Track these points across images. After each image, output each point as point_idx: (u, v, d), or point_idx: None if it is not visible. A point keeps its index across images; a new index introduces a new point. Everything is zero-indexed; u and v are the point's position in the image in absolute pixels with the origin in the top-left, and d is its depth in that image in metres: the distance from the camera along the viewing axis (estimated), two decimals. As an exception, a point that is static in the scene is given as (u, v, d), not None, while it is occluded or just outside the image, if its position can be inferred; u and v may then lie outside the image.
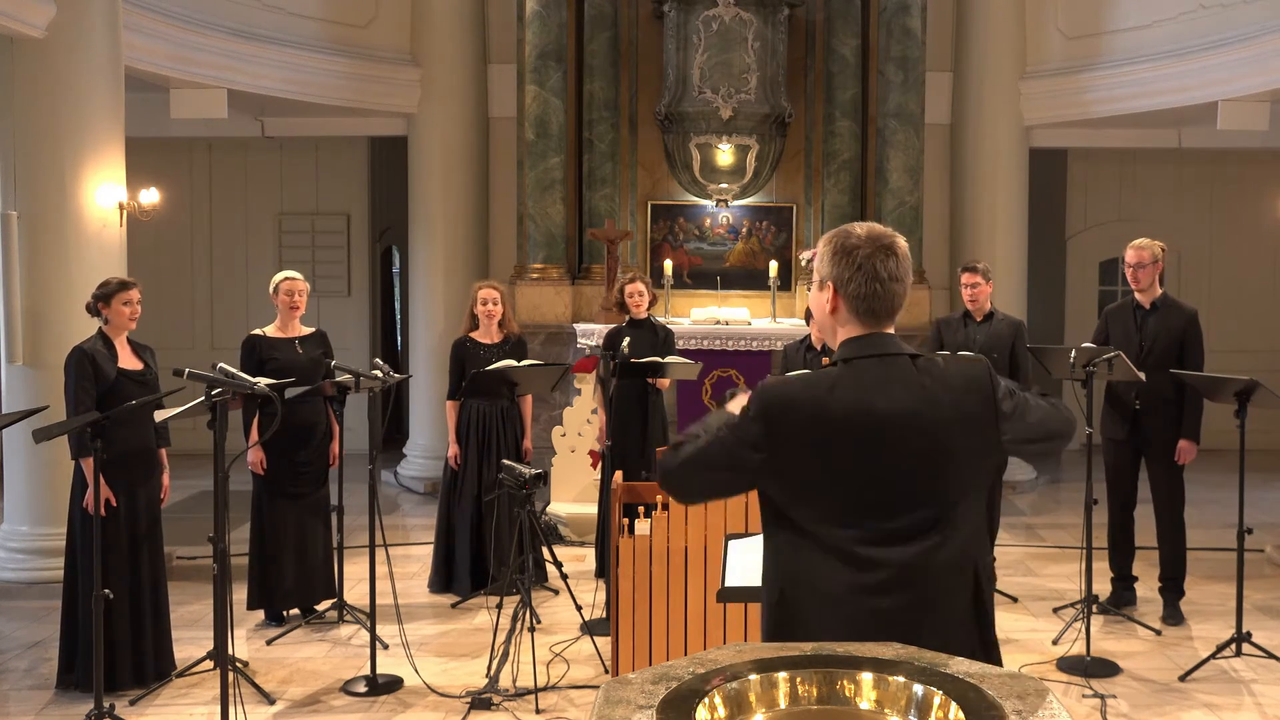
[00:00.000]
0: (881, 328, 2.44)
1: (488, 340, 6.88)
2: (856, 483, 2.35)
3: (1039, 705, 1.76)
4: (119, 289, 5.26)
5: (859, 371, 2.40)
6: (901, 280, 2.42)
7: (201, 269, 11.88)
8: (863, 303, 2.41)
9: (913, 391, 2.37)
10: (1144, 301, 6.29)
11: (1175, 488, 6.32)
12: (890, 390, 2.37)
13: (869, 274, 2.40)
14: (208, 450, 4.21)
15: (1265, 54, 8.57)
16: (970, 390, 2.42)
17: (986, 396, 2.42)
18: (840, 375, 2.41)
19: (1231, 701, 5.18)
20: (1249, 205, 12.07)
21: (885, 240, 2.42)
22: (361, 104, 9.94)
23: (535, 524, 5.70)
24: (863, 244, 2.41)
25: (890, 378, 2.39)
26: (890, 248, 2.41)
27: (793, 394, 2.39)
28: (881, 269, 2.40)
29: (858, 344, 2.43)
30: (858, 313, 2.43)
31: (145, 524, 5.31)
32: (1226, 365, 6.44)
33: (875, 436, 2.34)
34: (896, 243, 2.44)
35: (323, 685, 5.39)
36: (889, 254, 2.40)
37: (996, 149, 10.17)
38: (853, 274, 2.41)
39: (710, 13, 9.38)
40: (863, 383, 2.38)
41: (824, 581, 2.36)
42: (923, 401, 2.37)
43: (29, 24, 6.74)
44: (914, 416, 2.35)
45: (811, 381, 2.42)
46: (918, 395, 2.37)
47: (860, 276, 2.40)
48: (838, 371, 2.42)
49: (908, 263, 2.44)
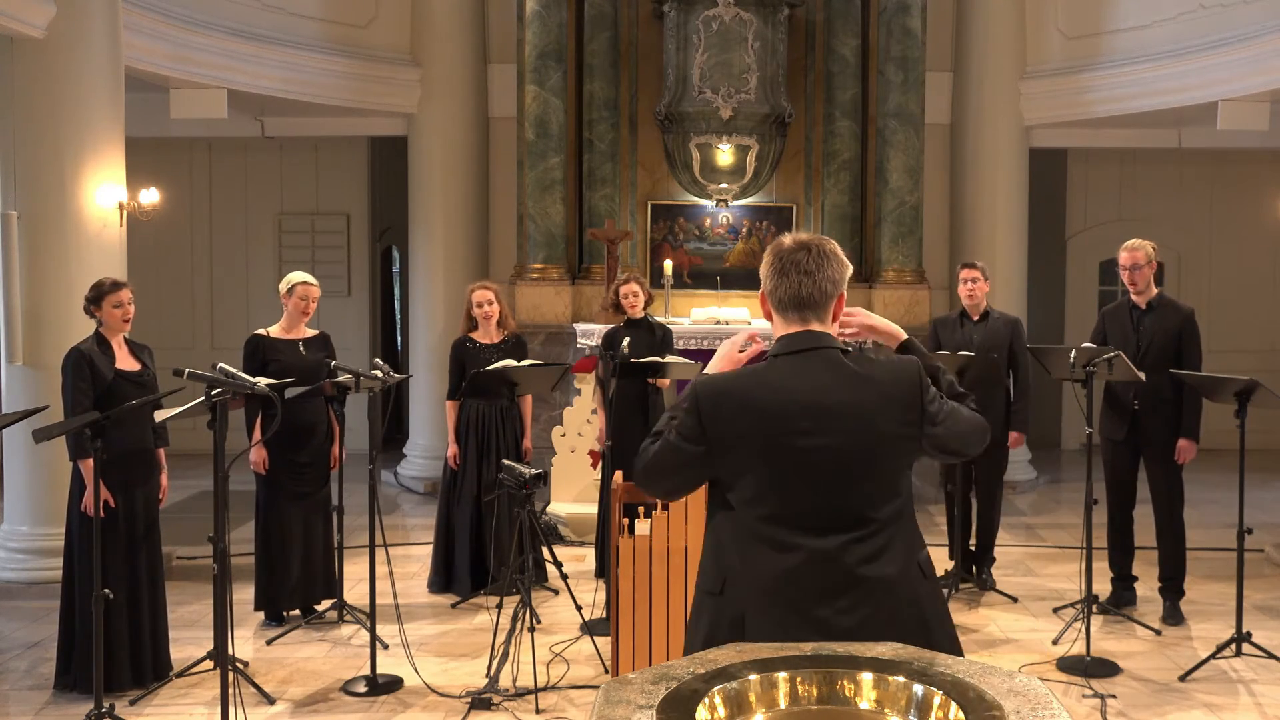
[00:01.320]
0: (809, 325, 2.54)
1: (487, 340, 6.88)
2: (786, 470, 2.45)
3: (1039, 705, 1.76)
4: (109, 290, 5.25)
5: (788, 364, 2.51)
6: (813, 273, 2.52)
7: (201, 269, 11.88)
8: (780, 300, 2.55)
9: (840, 381, 2.49)
10: (1140, 302, 6.29)
11: (1174, 487, 6.31)
12: (818, 379, 2.48)
13: (781, 271, 2.53)
14: (208, 450, 4.21)
15: (1265, 54, 8.57)
16: (898, 382, 2.52)
17: (913, 391, 2.52)
18: (769, 367, 2.54)
19: (1231, 701, 5.18)
20: (1249, 205, 12.07)
21: (806, 240, 2.56)
22: (361, 104, 9.94)
23: (535, 524, 5.70)
24: (784, 249, 2.56)
25: (818, 368, 2.50)
26: (806, 245, 2.54)
27: (723, 386, 2.53)
28: (792, 265, 2.52)
29: (787, 340, 2.55)
30: (781, 309, 2.56)
31: (143, 525, 5.30)
32: (1226, 365, 6.44)
33: (803, 425, 2.45)
34: (818, 242, 2.56)
35: (323, 685, 5.39)
36: (804, 249, 2.54)
37: (996, 149, 10.17)
38: (768, 275, 2.57)
39: (710, 13, 9.38)
40: (791, 374, 2.50)
41: (761, 568, 2.44)
42: (849, 391, 2.48)
43: (29, 24, 6.74)
44: (841, 405, 2.46)
45: (742, 374, 2.56)
46: (844, 385, 2.48)
47: (773, 275, 2.55)
48: (768, 364, 2.55)
49: (832, 258, 2.54)
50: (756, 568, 2.44)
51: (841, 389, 2.47)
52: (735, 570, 2.47)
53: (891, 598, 2.43)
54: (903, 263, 9.99)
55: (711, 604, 2.51)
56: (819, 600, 2.40)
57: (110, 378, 5.16)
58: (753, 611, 2.42)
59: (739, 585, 2.46)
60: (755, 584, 2.44)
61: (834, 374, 2.48)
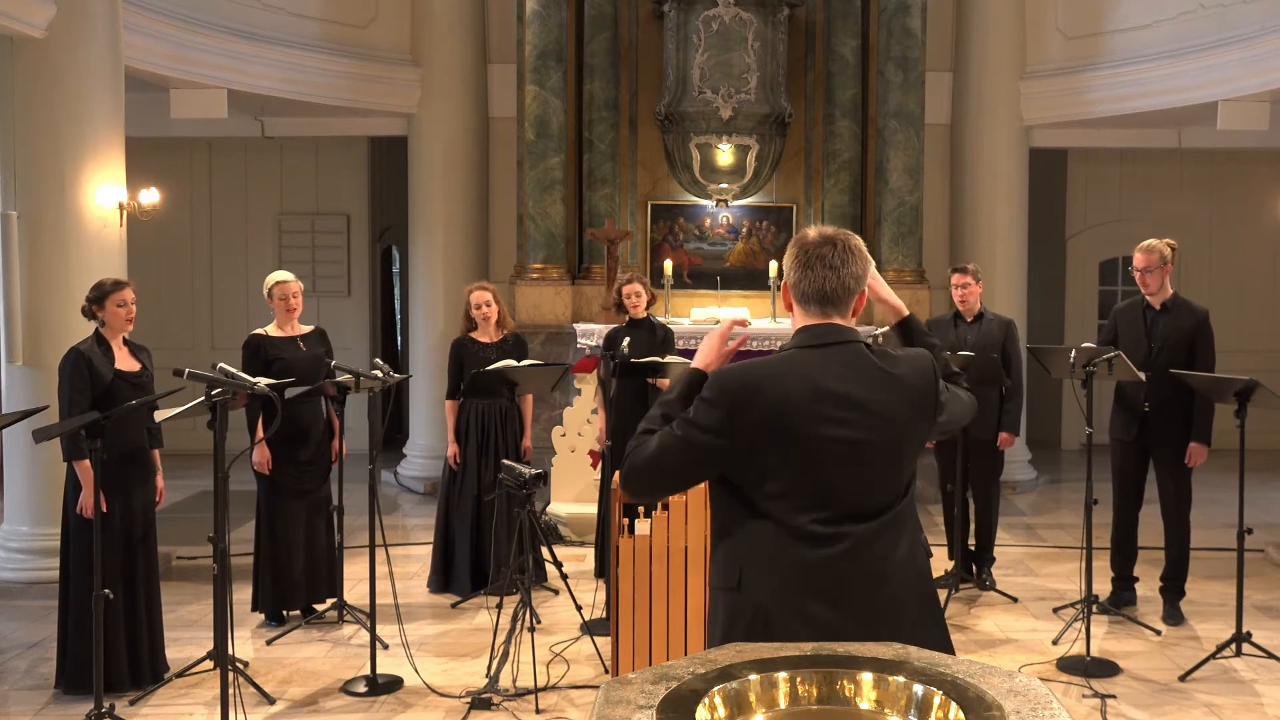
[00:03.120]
0: (831, 318, 2.54)
1: (487, 339, 6.88)
2: (811, 462, 2.43)
3: (1039, 705, 1.76)
4: (112, 289, 5.25)
5: (813, 356, 2.50)
6: (838, 268, 2.52)
7: (201, 269, 11.88)
8: (804, 293, 2.54)
9: (866, 375, 2.48)
10: (1155, 302, 6.24)
11: (1183, 490, 6.29)
12: (844, 372, 2.47)
13: (807, 264, 2.53)
14: (208, 450, 4.21)
15: (1265, 54, 8.56)
16: (919, 376, 2.55)
17: (930, 382, 2.56)
18: (793, 358, 2.51)
19: (1231, 701, 5.18)
20: (1249, 205, 12.08)
21: (831, 235, 2.55)
22: (361, 104, 9.94)
23: (535, 524, 5.70)
24: (810, 243, 2.55)
25: (844, 361, 2.49)
26: (832, 240, 2.54)
27: (749, 376, 2.47)
28: (819, 260, 2.52)
29: (810, 332, 2.54)
30: (804, 301, 2.55)
31: (140, 526, 5.30)
32: (1227, 365, 6.43)
33: (833, 416, 2.43)
34: (843, 238, 2.55)
35: (323, 685, 5.39)
36: (830, 244, 2.53)
37: (996, 149, 10.17)
38: (792, 268, 2.56)
39: (710, 13, 9.38)
40: (817, 365, 2.48)
41: (782, 560, 2.43)
42: (876, 385, 2.48)
43: (29, 24, 6.74)
44: (868, 399, 2.46)
45: (767, 364, 2.51)
46: (871, 379, 2.48)
47: (797, 268, 2.55)
48: (791, 355, 2.52)
49: (857, 254, 2.55)
50: (777, 560, 2.42)
51: (868, 383, 2.47)
52: (753, 563, 2.45)
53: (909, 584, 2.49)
54: (903, 263, 9.99)
55: (727, 599, 2.49)
56: (842, 590, 2.40)
57: (109, 378, 5.15)
58: (774, 604, 2.41)
59: (758, 578, 2.43)
60: (776, 576, 2.42)
61: (860, 368, 2.48)
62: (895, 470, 2.49)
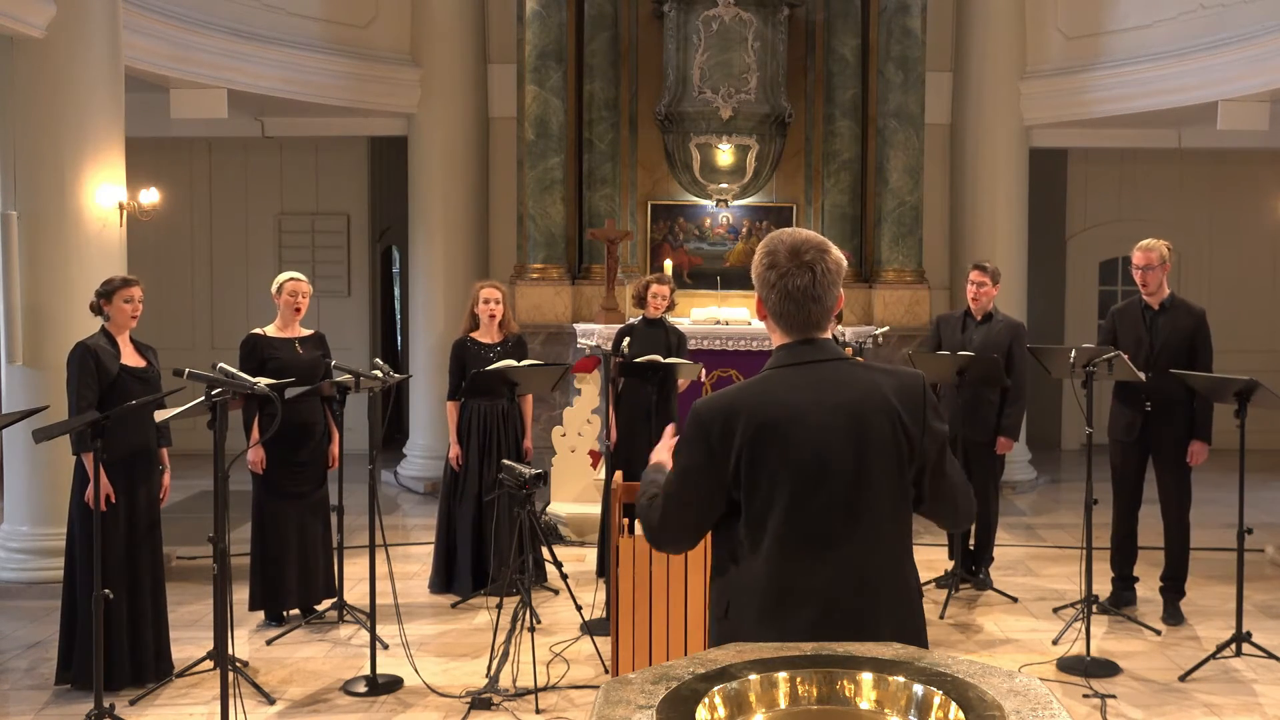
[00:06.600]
0: (810, 335, 2.48)
1: (488, 340, 6.88)
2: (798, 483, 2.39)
3: (1039, 705, 1.76)
4: (121, 285, 5.29)
5: (795, 375, 2.45)
6: (819, 299, 2.44)
7: (201, 269, 11.88)
8: (782, 319, 2.47)
9: (850, 390, 2.43)
10: (1153, 302, 6.25)
11: (1183, 490, 6.29)
12: (826, 389, 2.42)
13: (783, 293, 2.44)
14: (208, 450, 4.21)
15: (1265, 54, 8.56)
16: (906, 390, 2.47)
17: (918, 398, 2.47)
18: (774, 378, 2.46)
19: (1232, 702, 5.18)
20: (1249, 205, 12.07)
21: (806, 256, 2.43)
22: (361, 104, 9.94)
23: (535, 524, 5.70)
24: (780, 261, 2.44)
25: (822, 380, 2.44)
26: (810, 265, 2.42)
27: (726, 403, 2.44)
28: (795, 289, 2.43)
29: (788, 351, 2.48)
30: (785, 327, 2.48)
31: (145, 524, 5.30)
32: (1226, 365, 6.43)
33: (814, 436, 2.39)
34: (820, 258, 2.44)
35: (323, 685, 5.39)
36: (805, 271, 2.42)
37: (996, 149, 10.17)
38: (769, 291, 2.46)
39: (710, 13, 9.38)
40: (799, 384, 2.43)
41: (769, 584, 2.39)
42: (861, 400, 2.42)
43: (29, 24, 6.73)
44: (852, 415, 2.40)
45: (746, 388, 2.47)
46: (855, 394, 2.43)
47: (775, 295, 2.45)
48: (772, 375, 2.47)
49: (832, 275, 2.45)
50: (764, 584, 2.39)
51: (852, 399, 2.42)
52: (739, 590, 2.43)
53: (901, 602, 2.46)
54: (903, 263, 10.00)
55: (718, 630, 2.46)
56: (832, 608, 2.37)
57: (116, 372, 5.17)
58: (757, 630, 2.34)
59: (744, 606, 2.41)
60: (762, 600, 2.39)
61: (842, 384, 2.43)
62: (883, 487, 2.42)
